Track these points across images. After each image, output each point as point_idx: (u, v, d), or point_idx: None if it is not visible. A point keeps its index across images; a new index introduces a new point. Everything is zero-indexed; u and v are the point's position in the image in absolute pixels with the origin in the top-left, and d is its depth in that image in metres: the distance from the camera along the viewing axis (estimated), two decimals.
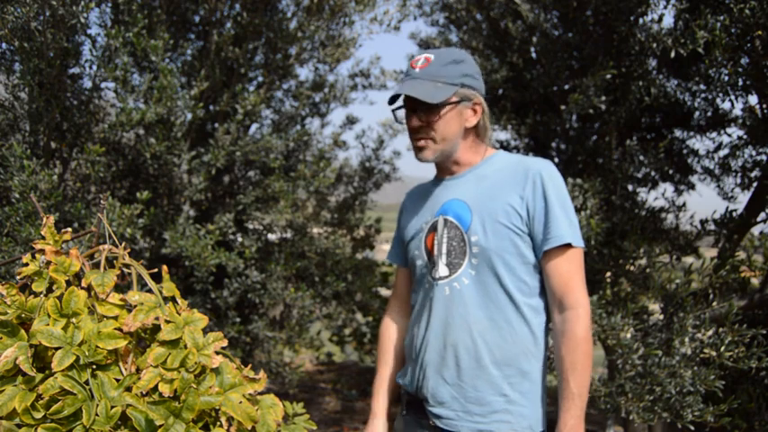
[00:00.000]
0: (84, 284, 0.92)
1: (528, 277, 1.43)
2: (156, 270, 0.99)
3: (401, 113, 1.58)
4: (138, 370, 0.86)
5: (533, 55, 3.12)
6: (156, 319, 0.89)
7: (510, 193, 1.44)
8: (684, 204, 3.06)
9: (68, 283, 0.92)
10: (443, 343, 1.44)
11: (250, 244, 3.09)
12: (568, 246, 1.39)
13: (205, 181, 2.90)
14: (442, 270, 1.47)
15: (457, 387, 1.42)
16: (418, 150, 1.52)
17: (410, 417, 1.55)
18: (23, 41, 2.14)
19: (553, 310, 1.43)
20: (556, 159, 3.29)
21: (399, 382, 1.62)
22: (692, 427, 2.42)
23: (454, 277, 1.45)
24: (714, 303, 2.56)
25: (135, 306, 0.90)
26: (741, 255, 2.84)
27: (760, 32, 2.21)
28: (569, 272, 1.40)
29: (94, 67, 2.45)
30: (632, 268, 2.78)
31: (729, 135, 3.07)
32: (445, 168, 1.58)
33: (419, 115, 1.48)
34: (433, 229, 1.52)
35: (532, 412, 1.42)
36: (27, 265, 0.92)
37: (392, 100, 1.53)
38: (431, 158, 1.51)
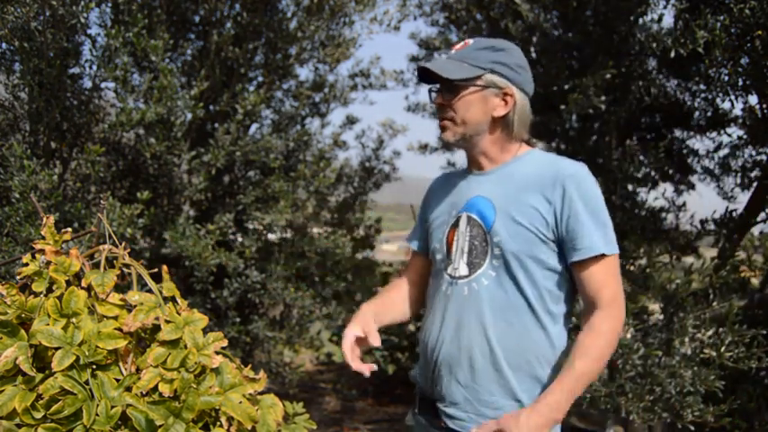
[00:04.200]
0: (84, 284, 0.92)
1: (549, 284, 1.38)
2: (156, 270, 0.99)
3: (434, 95, 1.53)
4: (138, 370, 0.86)
5: (533, 55, 3.12)
6: (156, 319, 0.89)
7: (536, 195, 1.38)
8: (684, 204, 3.06)
9: (68, 283, 0.92)
10: (458, 344, 1.40)
11: (250, 244, 3.09)
12: (601, 255, 1.33)
13: (205, 181, 2.89)
14: (462, 269, 1.43)
15: (470, 389, 1.39)
16: (441, 130, 1.48)
17: (422, 416, 1.51)
18: (23, 41, 2.14)
19: (587, 315, 1.38)
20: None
21: (412, 377, 1.58)
22: (692, 427, 2.42)
23: (474, 277, 1.41)
24: (714, 303, 2.56)
25: (135, 306, 0.90)
26: (741, 255, 2.84)
27: (760, 32, 2.21)
28: (601, 280, 1.34)
29: (94, 67, 2.45)
30: (632, 268, 2.78)
31: (729, 135, 3.07)
32: (474, 161, 1.52)
33: (441, 93, 1.45)
34: (455, 225, 1.47)
35: None
36: (27, 265, 0.92)
37: (421, 79, 1.50)
38: (451, 140, 1.46)
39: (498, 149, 1.48)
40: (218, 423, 0.85)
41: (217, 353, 0.89)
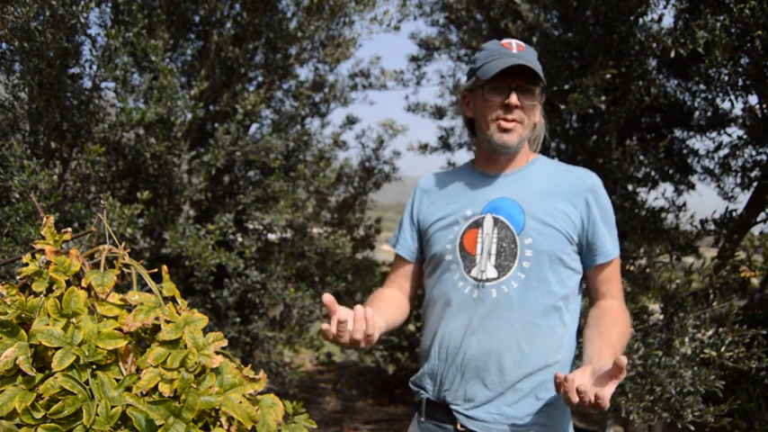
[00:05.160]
0: (84, 284, 0.91)
1: (572, 283, 1.44)
2: (156, 270, 0.99)
3: (489, 90, 1.43)
4: (138, 370, 0.86)
5: None
6: (156, 319, 0.89)
7: (562, 200, 1.44)
8: (684, 204, 3.06)
9: (68, 283, 0.92)
10: (487, 347, 1.38)
11: (250, 244, 3.09)
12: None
13: (205, 181, 2.89)
14: (490, 271, 1.41)
15: (496, 391, 1.38)
16: (505, 131, 1.43)
17: (430, 424, 1.46)
18: (23, 41, 2.14)
19: (598, 302, 1.47)
20: (556, 159, 3.29)
21: (415, 386, 1.52)
22: (692, 427, 2.42)
23: (503, 280, 1.39)
24: (714, 303, 2.56)
25: (135, 306, 0.90)
26: (741, 255, 2.84)
27: (760, 32, 2.21)
28: (612, 278, 1.47)
29: (94, 67, 2.45)
30: (632, 268, 2.78)
31: (729, 135, 3.07)
32: (496, 162, 1.51)
33: (517, 93, 1.41)
34: (476, 225, 1.44)
35: (565, 417, 1.42)
36: (27, 265, 0.92)
37: (496, 72, 1.38)
38: (515, 143, 1.44)
39: (522, 154, 1.53)
40: (218, 423, 0.85)
41: (217, 353, 0.89)
